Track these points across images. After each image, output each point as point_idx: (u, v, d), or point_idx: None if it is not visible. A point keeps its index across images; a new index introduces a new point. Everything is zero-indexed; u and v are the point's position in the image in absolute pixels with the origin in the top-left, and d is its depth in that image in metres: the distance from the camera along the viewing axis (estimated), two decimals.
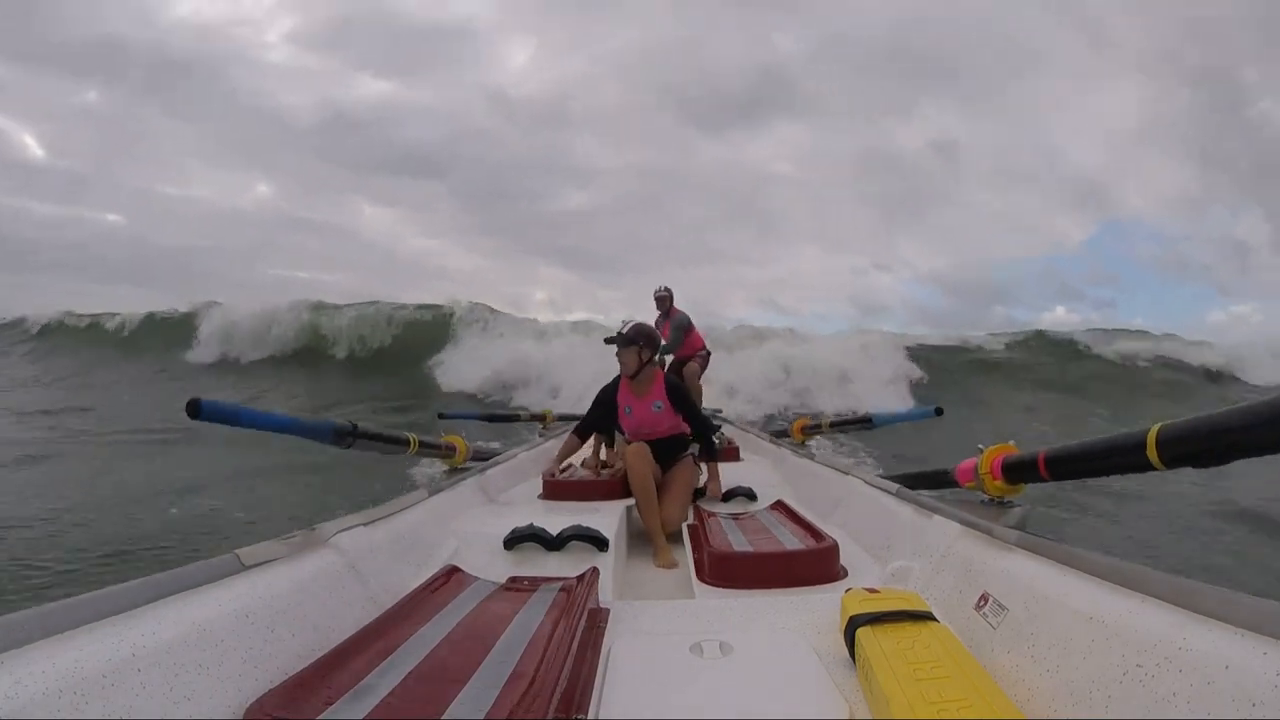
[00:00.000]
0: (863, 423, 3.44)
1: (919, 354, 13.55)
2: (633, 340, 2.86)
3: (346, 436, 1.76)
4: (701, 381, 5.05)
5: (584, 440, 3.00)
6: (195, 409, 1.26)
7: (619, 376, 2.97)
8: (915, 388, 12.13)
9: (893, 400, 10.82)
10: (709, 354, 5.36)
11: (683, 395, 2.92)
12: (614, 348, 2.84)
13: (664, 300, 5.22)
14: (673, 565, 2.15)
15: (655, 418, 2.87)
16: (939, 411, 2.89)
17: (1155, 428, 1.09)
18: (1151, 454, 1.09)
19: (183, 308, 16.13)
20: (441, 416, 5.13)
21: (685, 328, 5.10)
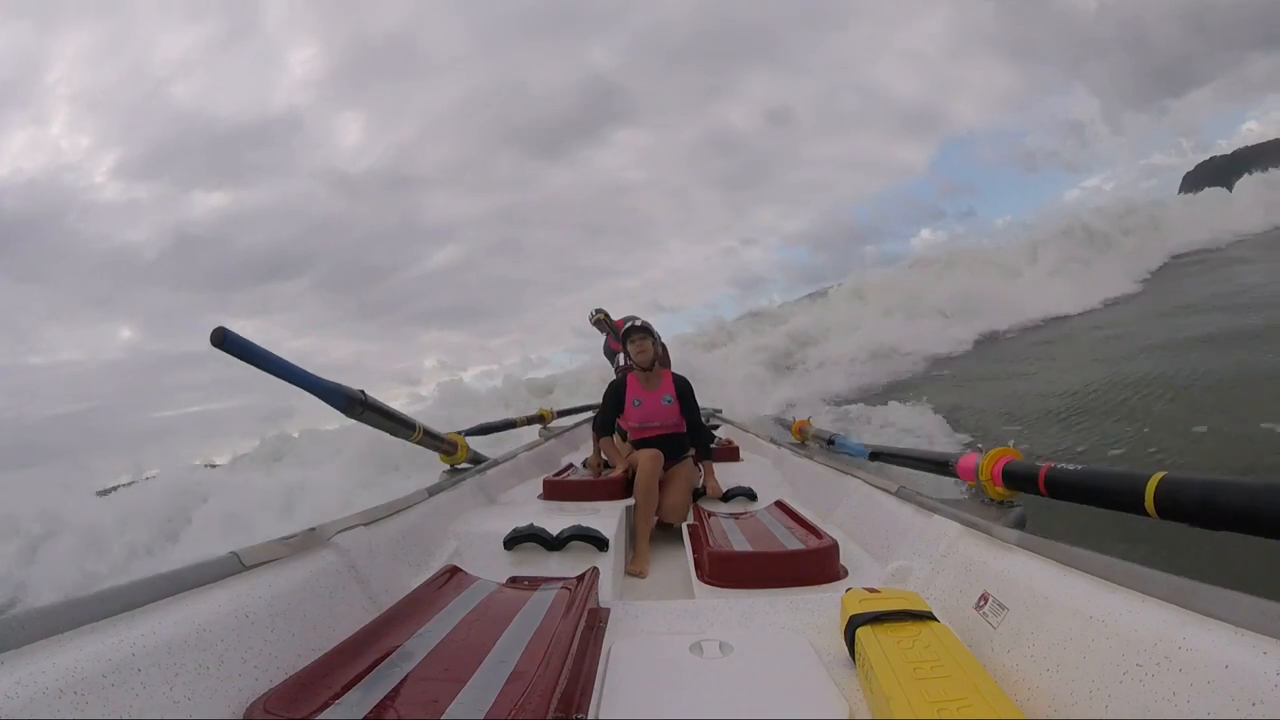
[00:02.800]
0: (829, 442, 3.42)
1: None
2: (649, 330, 2.92)
3: (356, 405, 1.74)
4: None
5: (612, 434, 3.06)
6: (221, 338, 1.27)
7: (623, 374, 3.01)
8: None
9: None
10: (665, 351, 5.36)
11: (689, 390, 2.95)
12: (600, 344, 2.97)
13: (603, 321, 5.14)
14: (644, 574, 2.13)
15: (664, 410, 2.90)
16: (874, 456, 2.86)
17: (1155, 479, 1.08)
18: (1149, 503, 1.09)
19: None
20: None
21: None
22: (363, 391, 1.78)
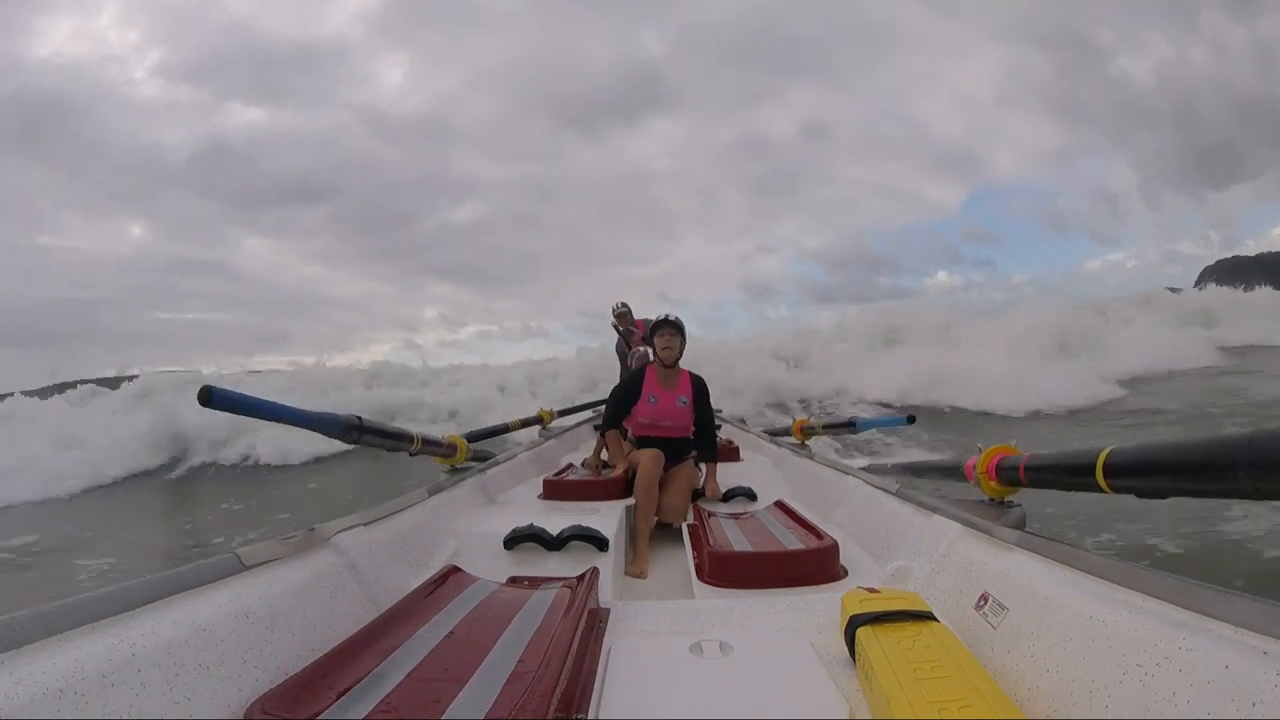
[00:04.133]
0: (847, 426, 3.50)
1: None
2: (679, 327, 2.86)
3: (354, 430, 1.76)
4: None
5: (618, 429, 3.00)
6: (207, 396, 1.27)
7: (641, 368, 2.97)
8: None
9: None
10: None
11: (705, 393, 2.93)
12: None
13: (625, 315, 5.19)
14: (644, 575, 2.14)
15: (678, 411, 2.87)
16: (911, 419, 2.98)
17: (1104, 453, 1.08)
18: (1099, 478, 1.09)
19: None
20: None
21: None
22: (359, 417, 1.79)
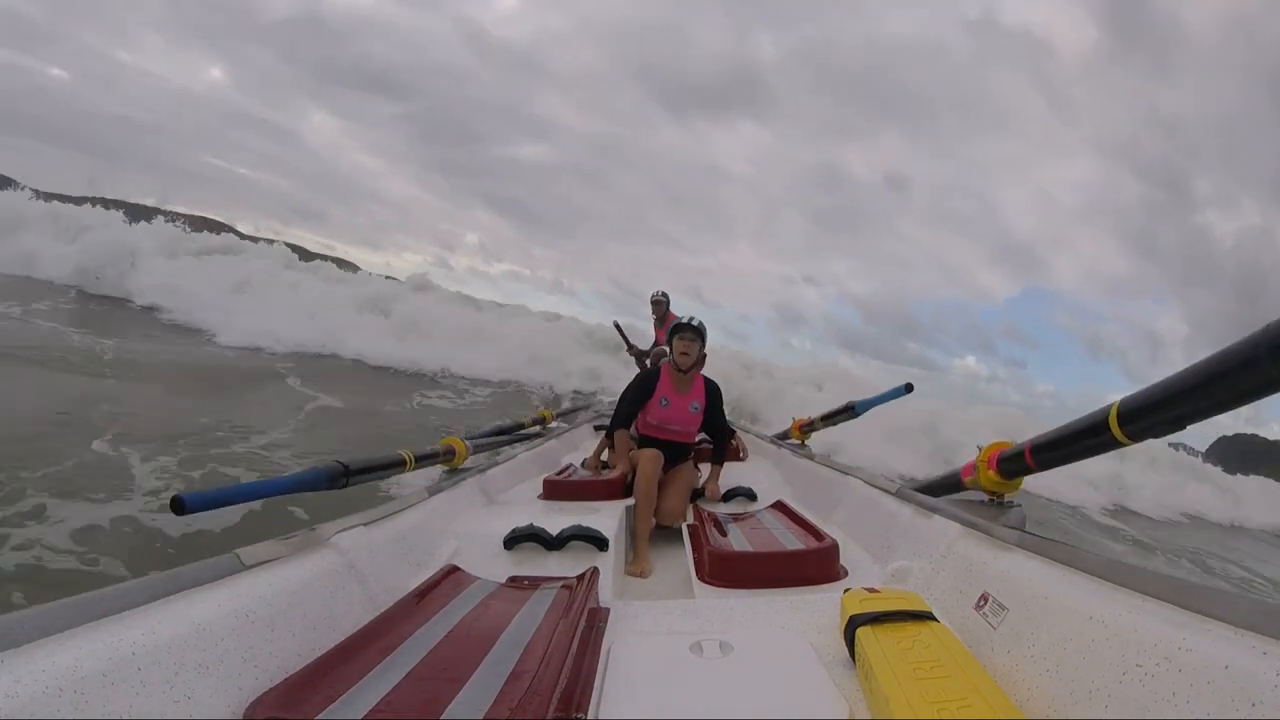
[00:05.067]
0: (847, 411, 3.46)
1: None
2: (701, 333, 2.81)
3: (340, 478, 1.74)
4: None
5: (629, 426, 2.93)
6: (180, 505, 1.25)
7: (656, 368, 2.95)
8: None
9: None
10: (703, 359, 5.37)
11: (718, 398, 2.91)
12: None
13: (660, 304, 5.21)
14: (645, 574, 2.14)
15: (689, 417, 2.85)
16: (909, 388, 2.97)
17: (1115, 405, 1.08)
18: (1114, 430, 1.08)
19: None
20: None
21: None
22: (342, 464, 1.76)
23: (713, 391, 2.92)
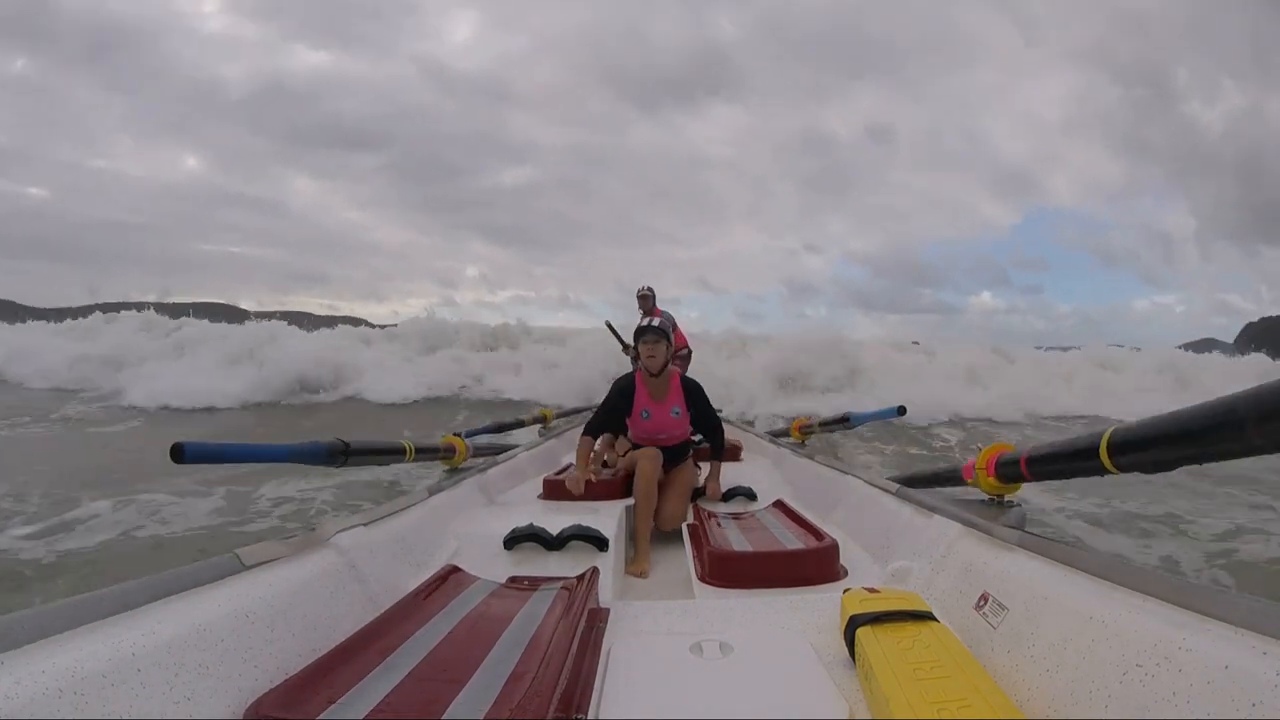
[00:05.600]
0: (842, 422, 3.54)
1: None
2: (665, 334, 2.69)
3: (339, 455, 1.75)
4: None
5: (595, 439, 2.77)
6: (179, 453, 1.25)
7: (631, 374, 2.81)
8: None
9: None
10: (690, 353, 5.37)
11: (699, 395, 2.81)
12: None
13: (647, 299, 5.21)
14: (645, 574, 2.14)
15: (673, 423, 2.74)
16: (902, 411, 3.00)
17: (1108, 432, 1.08)
18: (1104, 458, 1.09)
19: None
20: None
21: (671, 327, 5.10)
22: (343, 442, 1.77)
23: (691, 389, 2.81)
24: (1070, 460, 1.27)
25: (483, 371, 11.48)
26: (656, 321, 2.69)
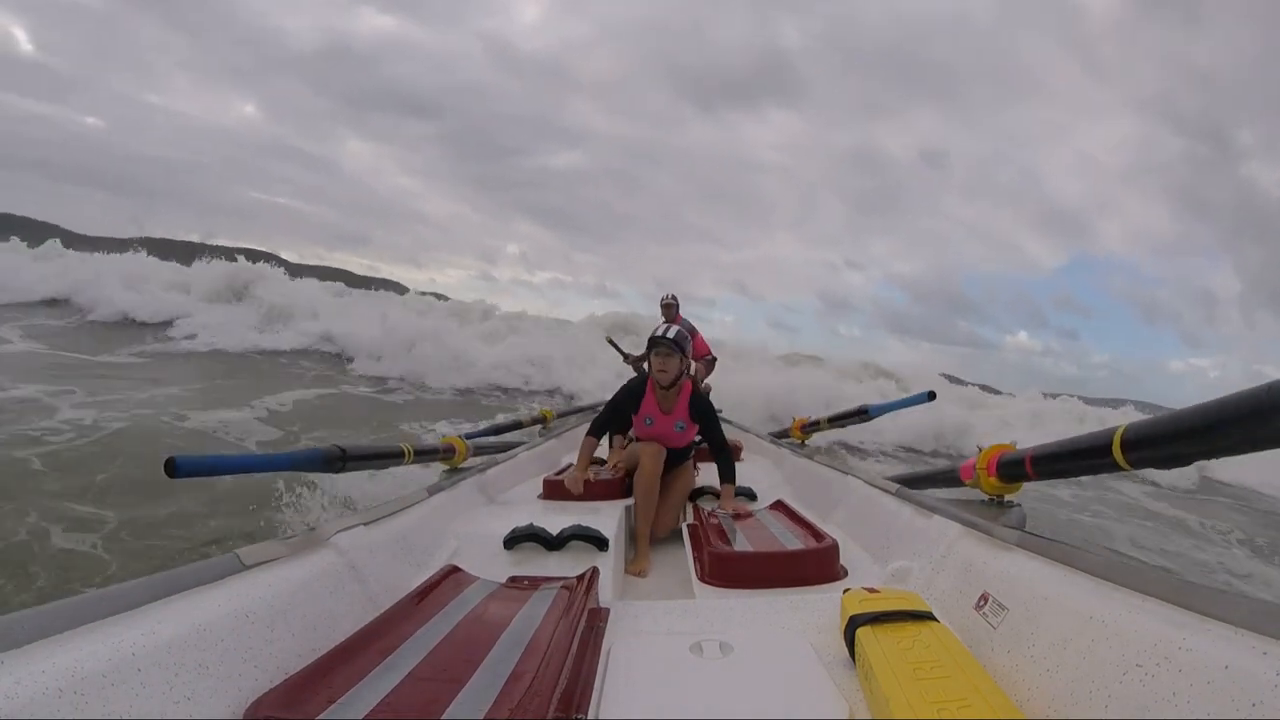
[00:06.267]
0: (859, 414, 3.39)
1: None
2: (680, 346, 2.56)
3: (336, 461, 1.74)
4: (707, 383, 5.07)
5: (599, 439, 2.66)
6: (172, 468, 1.25)
7: (644, 379, 2.69)
8: None
9: None
10: (715, 359, 5.37)
11: (707, 411, 2.66)
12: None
13: (670, 308, 5.21)
14: (645, 574, 2.15)
15: (675, 436, 2.64)
16: (932, 396, 2.86)
17: (1120, 429, 1.09)
18: (1117, 455, 1.09)
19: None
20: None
21: (690, 337, 5.10)
22: (339, 448, 1.77)
23: (699, 406, 2.65)
24: (1080, 458, 1.27)
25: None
26: (672, 332, 2.57)
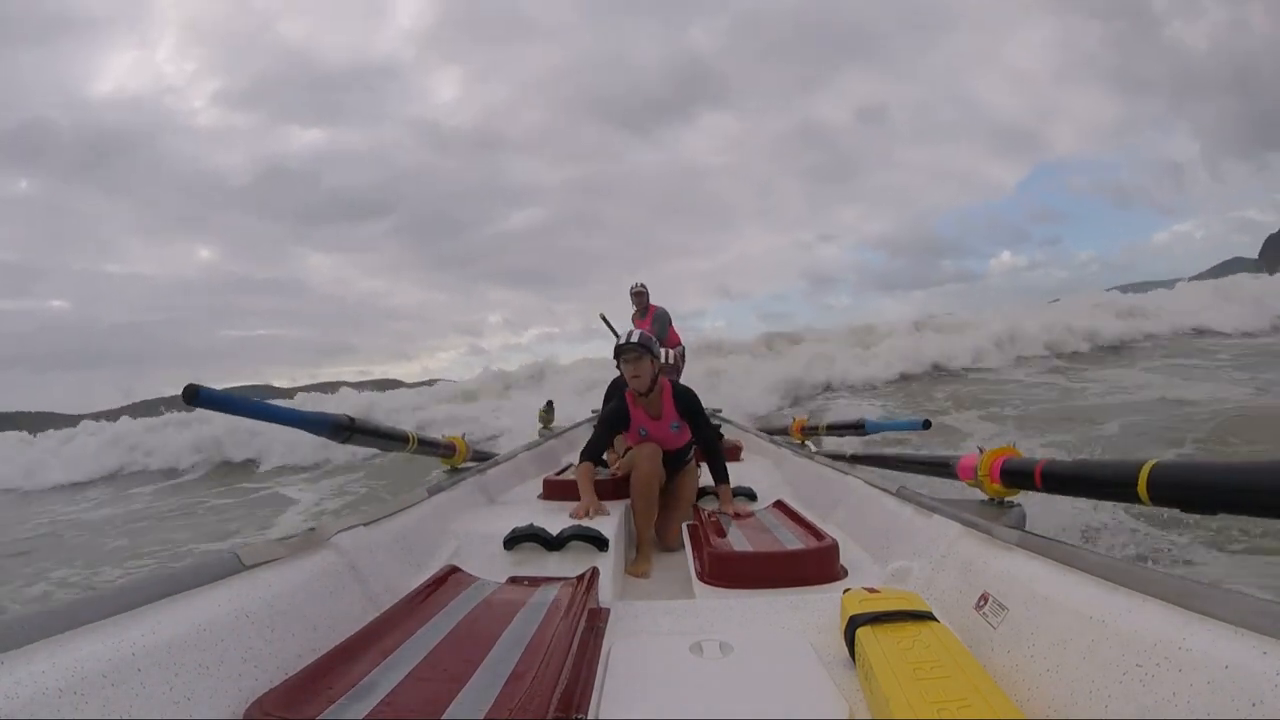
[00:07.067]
0: (855, 428, 3.47)
1: None
2: (647, 348, 2.43)
3: (343, 430, 1.76)
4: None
5: (595, 464, 2.54)
6: (193, 395, 1.27)
7: (621, 395, 2.59)
8: None
9: None
10: (684, 350, 5.36)
11: (692, 406, 2.54)
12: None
13: (641, 296, 5.18)
14: (645, 575, 2.15)
15: (673, 437, 2.56)
16: (927, 425, 2.88)
17: (1149, 465, 1.09)
18: (1141, 490, 1.09)
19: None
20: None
21: (666, 323, 5.07)
22: (349, 418, 1.79)
23: (684, 401, 2.53)
24: (1100, 486, 1.27)
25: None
26: (636, 335, 2.46)
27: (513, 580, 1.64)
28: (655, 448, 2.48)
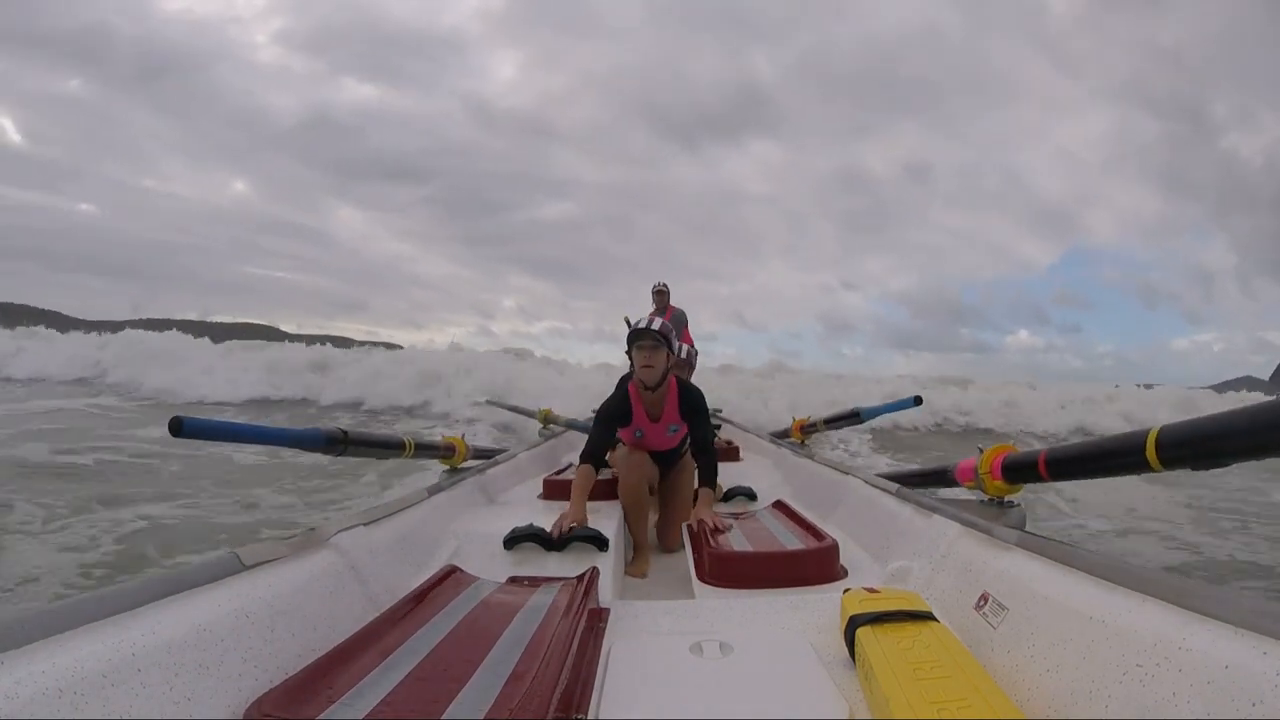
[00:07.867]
0: (851, 417, 3.47)
1: None
2: (665, 338, 2.28)
3: (338, 444, 1.75)
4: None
5: (595, 467, 2.33)
6: (178, 427, 1.26)
7: (624, 388, 2.44)
8: None
9: None
10: (697, 352, 5.38)
11: (697, 407, 2.42)
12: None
13: (663, 294, 5.18)
14: (642, 575, 2.15)
15: (668, 440, 2.48)
16: (918, 401, 2.89)
17: (1155, 430, 1.09)
18: (1150, 455, 1.09)
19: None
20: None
21: (683, 324, 5.09)
22: (342, 431, 1.78)
23: (689, 401, 2.39)
24: (1108, 459, 1.26)
25: None
26: (657, 324, 2.32)
27: (513, 580, 1.64)
28: (642, 456, 2.40)
